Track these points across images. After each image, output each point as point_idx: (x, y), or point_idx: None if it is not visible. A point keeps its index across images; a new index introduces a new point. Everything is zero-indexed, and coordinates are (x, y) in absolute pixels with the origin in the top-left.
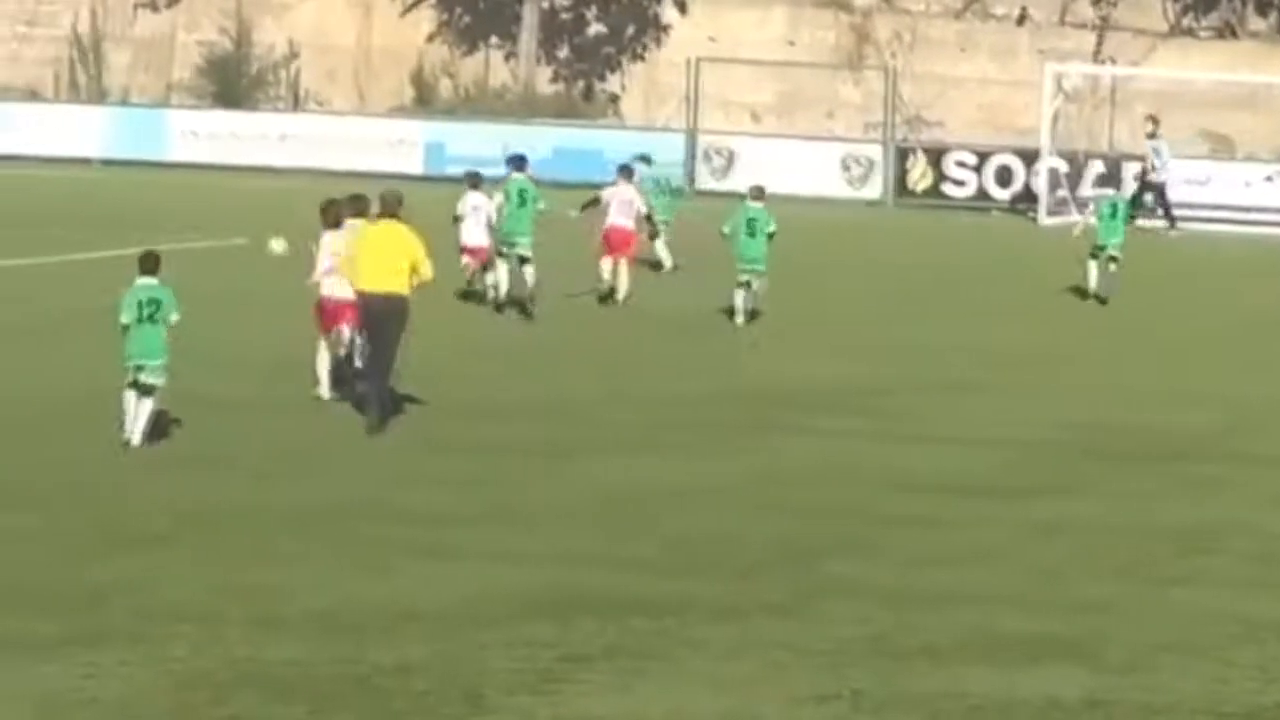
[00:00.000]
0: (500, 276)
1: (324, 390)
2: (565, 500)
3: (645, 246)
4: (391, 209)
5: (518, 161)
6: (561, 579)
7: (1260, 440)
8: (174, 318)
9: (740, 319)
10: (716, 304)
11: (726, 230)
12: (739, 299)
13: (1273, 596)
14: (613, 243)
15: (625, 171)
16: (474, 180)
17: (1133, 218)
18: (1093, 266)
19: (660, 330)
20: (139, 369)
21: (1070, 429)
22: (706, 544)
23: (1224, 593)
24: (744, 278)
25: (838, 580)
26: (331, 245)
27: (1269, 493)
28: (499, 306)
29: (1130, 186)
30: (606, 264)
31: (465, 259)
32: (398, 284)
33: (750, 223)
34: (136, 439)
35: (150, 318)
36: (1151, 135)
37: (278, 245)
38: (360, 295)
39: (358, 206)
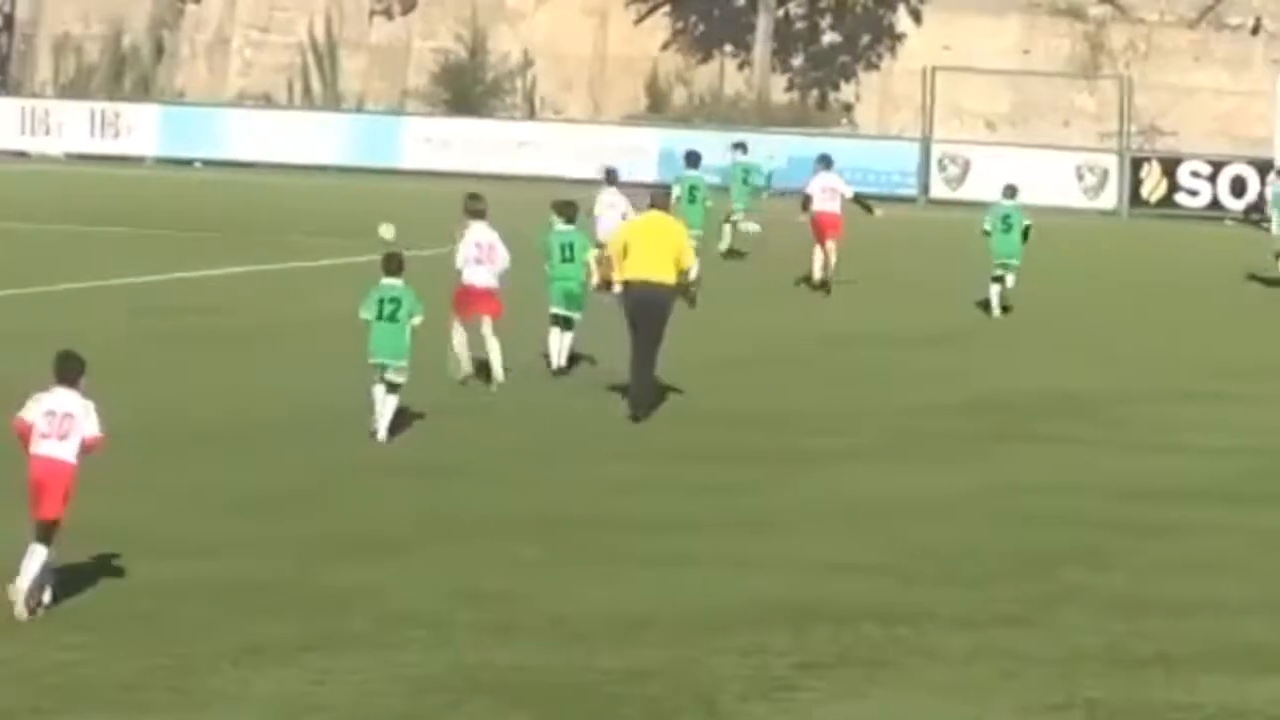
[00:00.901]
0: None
1: (465, 365)
2: (801, 508)
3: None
4: (661, 203)
5: (693, 159)
6: (796, 586)
7: None
8: (416, 320)
9: (996, 312)
10: (953, 315)
11: (986, 227)
12: (995, 293)
13: None
14: (822, 227)
15: (823, 160)
16: (611, 177)
17: None
18: None
19: (888, 341)
20: (382, 367)
21: None
22: (941, 553)
23: None
24: (999, 272)
25: (1071, 589)
26: (473, 235)
27: None
28: None
29: None
30: (818, 253)
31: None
32: (664, 274)
33: (1005, 219)
34: (382, 434)
35: (391, 316)
36: None
37: (387, 231)
38: (627, 284)
39: (475, 206)
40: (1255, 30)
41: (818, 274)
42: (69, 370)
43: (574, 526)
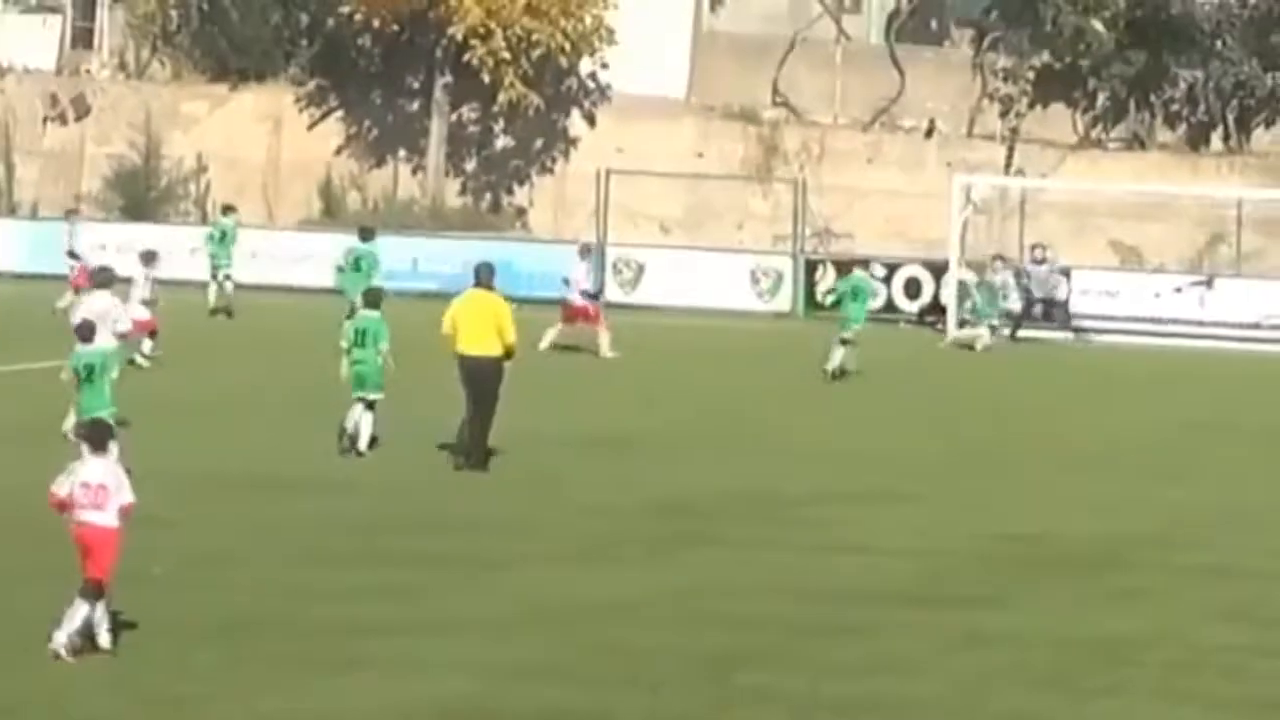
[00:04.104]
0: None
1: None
2: (485, 611)
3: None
4: (484, 280)
5: (365, 233)
6: (479, 689)
7: (1184, 550)
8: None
9: (835, 368)
10: (636, 417)
11: (834, 295)
12: (840, 354)
13: (1198, 707)
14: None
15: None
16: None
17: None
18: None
19: (565, 443)
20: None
21: (991, 539)
22: (624, 655)
23: (1148, 704)
24: (847, 335)
25: (752, 690)
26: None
27: (1193, 603)
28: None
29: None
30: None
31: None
32: (488, 347)
33: (855, 290)
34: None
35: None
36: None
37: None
38: (459, 358)
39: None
40: (929, 133)
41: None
42: (97, 437)
43: (255, 631)
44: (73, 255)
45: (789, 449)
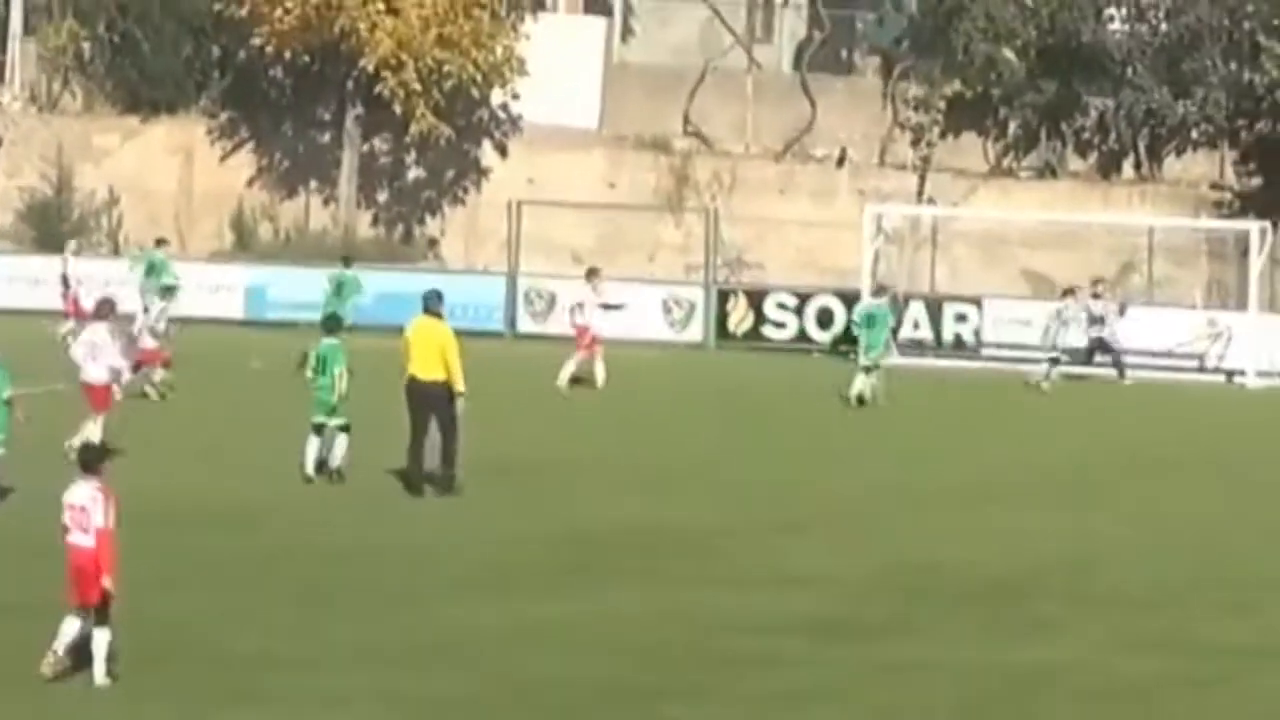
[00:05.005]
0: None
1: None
2: (390, 642)
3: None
4: (433, 308)
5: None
6: None
7: (1096, 580)
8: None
9: (856, 395)
10: (549, 447)
11: (854, 325)
12: (860, 382)
13: None
14: None
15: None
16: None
17: None
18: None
19: (491, 473)
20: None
21: (900, 570)
22: (533, 687)
23: None
24: (866, 362)
25: None
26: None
27: (1106, 632)
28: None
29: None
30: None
31: None
32: (433, 372)
33: (870, 318)
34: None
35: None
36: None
37: (256, 363)
38: (408, 380)
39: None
40: (840, 162)
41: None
42: (87, 460)
43: (159, 663)
44: (65, 282)
45: (699, 480)
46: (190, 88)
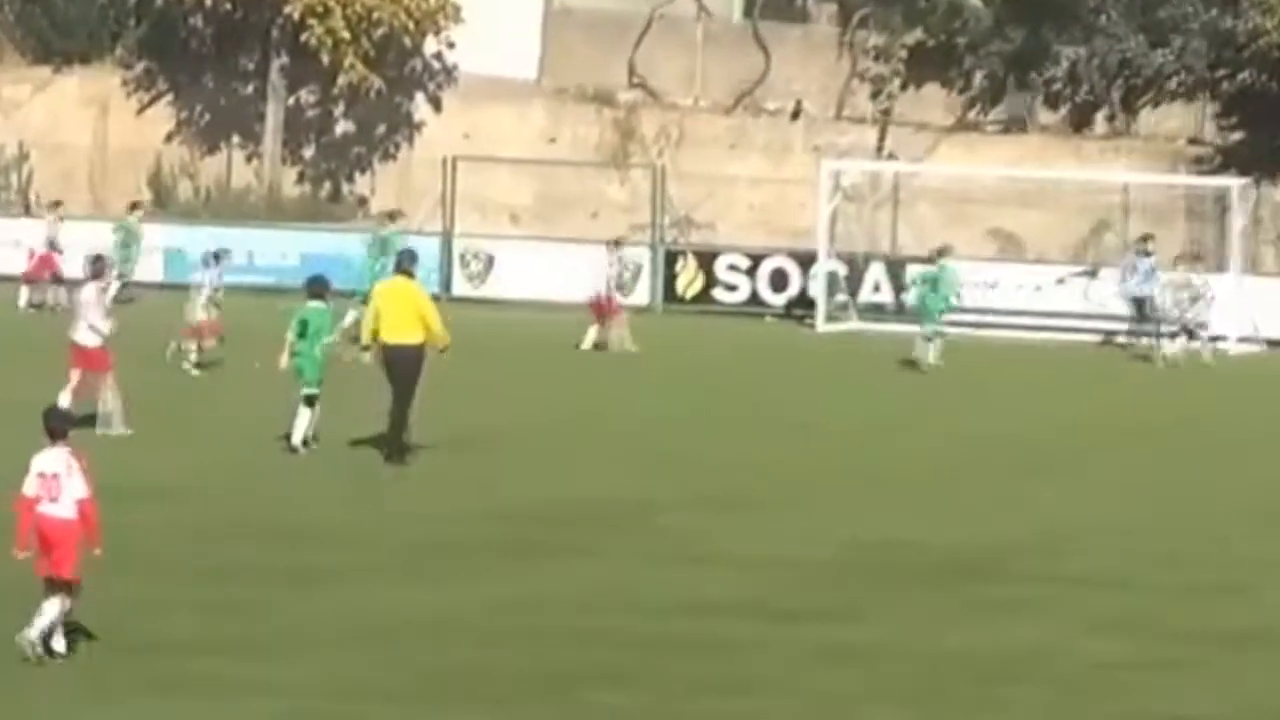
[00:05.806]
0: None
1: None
2: (310, 627)
3: None
4: (407, 267)
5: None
6: (303, 712)
7: (1061, 559)
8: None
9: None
10: (485, 417)
11: (914, 291)
12: (927, 349)
13: None
14: None
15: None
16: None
17: None
18: None
19: (424, 448)
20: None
21: (856, 548)
22: (462, 674)
23: None
24: (927, 331)
25: (599, 710)
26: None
27: (1075, 615)
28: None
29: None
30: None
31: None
32: (409, 335)
33: (933, 282)
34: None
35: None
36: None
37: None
38: (383, 345)
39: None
40: (795, 115)
41: None
42: (53, 425)
43: (72, 646)
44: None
45: (643, 453)
46: (105, 36)
